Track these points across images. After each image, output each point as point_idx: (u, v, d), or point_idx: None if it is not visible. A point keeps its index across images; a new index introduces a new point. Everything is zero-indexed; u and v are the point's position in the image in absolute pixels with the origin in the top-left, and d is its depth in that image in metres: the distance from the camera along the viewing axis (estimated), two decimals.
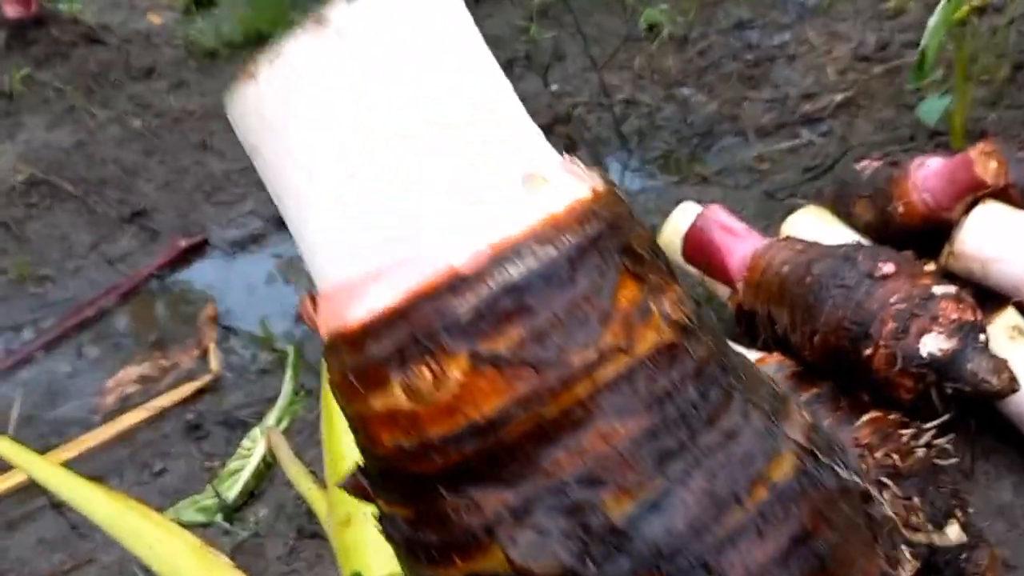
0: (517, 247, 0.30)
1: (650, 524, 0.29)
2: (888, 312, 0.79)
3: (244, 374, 1.67)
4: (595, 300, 0.30)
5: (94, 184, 2.38)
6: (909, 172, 1.08)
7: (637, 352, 0.30)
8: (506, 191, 0.31)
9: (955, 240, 0.99)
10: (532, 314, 0.30)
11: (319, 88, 0.30)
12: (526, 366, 0.30)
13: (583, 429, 0.30)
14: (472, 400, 0.30)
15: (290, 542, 0.96)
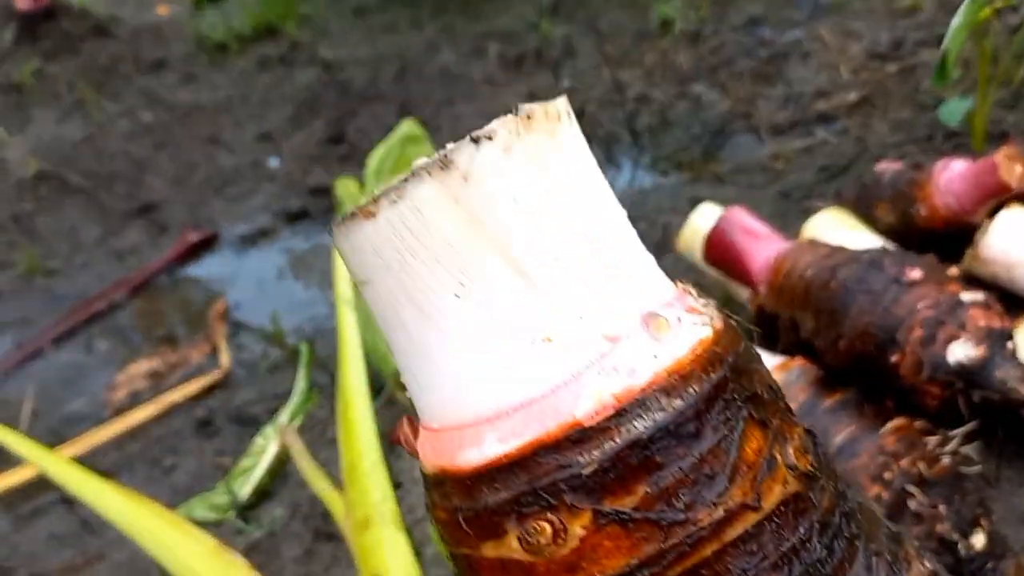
0: (643, 399, 0.29)
1: None
2: (915, 319, 0.78)
3: (254, 370, 1.66)
4: (723, 454, 0.29)
5: (103, 178, 2.38)
6: (932, 175, 1.07)
7: (764, 508, 0.29)
8: (628, 336, 0.30)
9: (979, 244, 0.98)
10: (659, 470, 0.29)
11: (440, 230, 0.30)
12: (652, 525, 0.28)
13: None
14: (593, 558, 0.29)
15: (306, 543, 0.96)
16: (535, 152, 0.31)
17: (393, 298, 0.31)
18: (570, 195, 0.31)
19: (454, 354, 0.30)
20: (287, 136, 2.39)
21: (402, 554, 0.81)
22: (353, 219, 0.30)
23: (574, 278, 0.30)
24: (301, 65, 2.72)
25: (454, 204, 0.29)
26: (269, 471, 1.22)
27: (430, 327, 0.31)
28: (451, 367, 0.31)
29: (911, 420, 0.80)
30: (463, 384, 0.31)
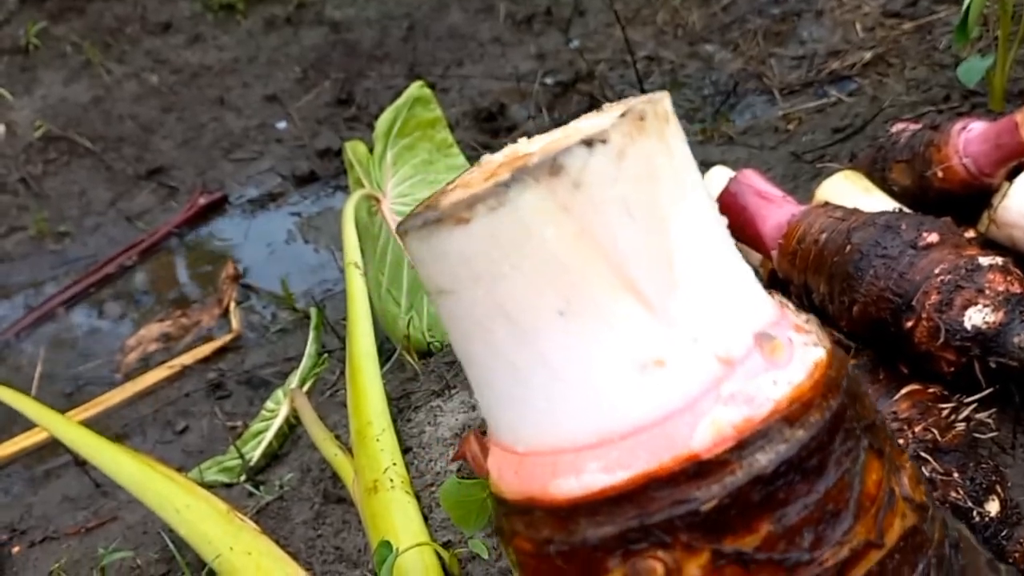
0: (765, 429, 0.27)
1: None
2: (932, 283, 0.77)
3: (265, 333, 1.66)
4: (847, 488, 0.27)
5: (112, 140, 2.37)
6: (950, 136, 1.05)
7: (887, 544, 0.28)
8: (744, 359, 0.28)
9: (997, 206, 0.96)
10: (783, 507, 0.27)
11: (545, 242, 0.27)
12: (776, 567, 0.26)
13: None
14: None
15: (316, 506, 0.96)
16: (647, 158, 0.28)
17: (482, 312, 0.29)
18: (681, 205, 0.29)
19: (552, 375, 0.28)
20: (295, 98, 2.37)
21: (411, 518, 0.81)
22: (439, 224, 0.27)
23: (689, 297, 0.28)
24: (308, 25, 2.68)
25: (563, 213, 0.27)
26: (279, 434, 1.22)
27: (526, 345, 0.28)
28: (548, 389, 0.28)
29: (925, 386, 0.79)
30: (561, 408, 0.28)
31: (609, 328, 0.27)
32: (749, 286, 0.29)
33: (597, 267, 0.27)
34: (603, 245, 0.27)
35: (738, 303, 0.28)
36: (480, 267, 0.28)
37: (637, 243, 0.27)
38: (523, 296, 0.28)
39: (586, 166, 0.27)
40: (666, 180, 0.28)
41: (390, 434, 0.92)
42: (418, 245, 0.29)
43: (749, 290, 0.29)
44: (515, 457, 0.29)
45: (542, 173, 0.27)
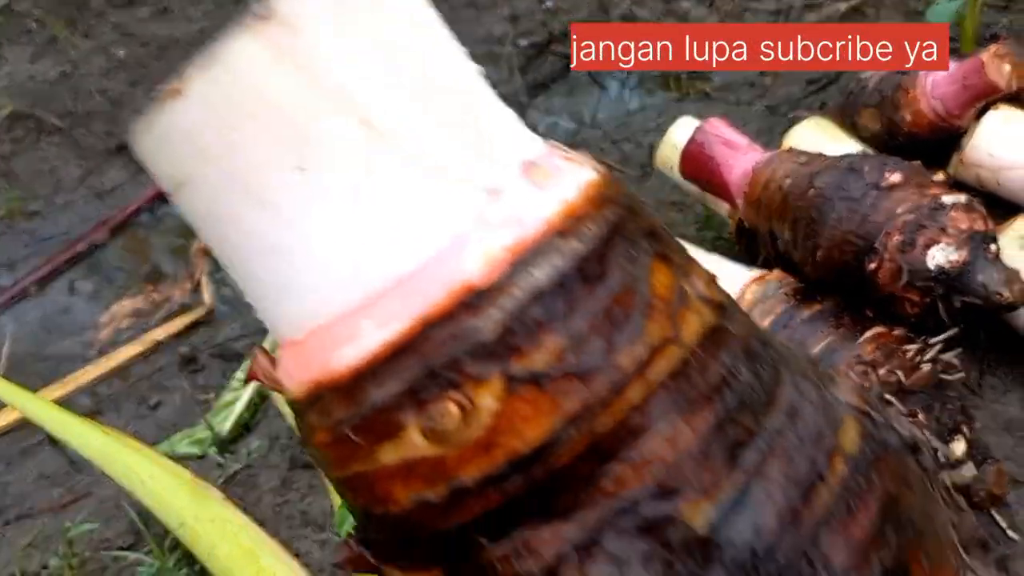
0: (538, 247, 0.26)
1: (737, 525, 0.26)
2: (895, 224, 0.76)
3: (237, 306, 1.64)
4: (634, 292, 0.27)
5: (80, 117, 2.33)
6: (917, 79, 1.03)
7: (685, 340, 0.27)
8: (510, 187, 0.27)
9: (965, 147, 0.95)
10: (568, 318, 0.26)
11: (268, 96, 0.25)
12: (571, 378, 0.26)
13: (645, 436, 0.26)
14: (512, 429, 0.26)
15: (283, 473, 0.95)
16: None
17: (220, 194, 0.26)
18: (415, 41, 0.27)
19: (306, 242, 0.26)
20: None
21: None
22: (156, 106, 0.25)
23: (438, 133, 0.26)
24: None
25: (282, 61, 0.25)
26: (249, 405, 1.21)
27: (273, 217, 0.26)
28: (305, 259, 0.27)
29: (890, 329, 0.78)
30: (327, 277, 0.27)
31: (356, 179, 0.26)
32: (511, 124, 0.29)
33: (330, 113, 0.25)
34: (332, 88, 0.25)
35: (501, 139, 0.28)
36: (206, 141, 0.26)
37: (371, 83, 0.25)
38: (257, 163, 0.26)
39: (298, 6, 0.25)
40: (394, 15, 0.26)
41: None
42: (144, 140, 0.27)
43: (511, 127, 0.28)
44: (296, 347, 0.28)
45: (252, 21, 0.25)
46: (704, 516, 0.26)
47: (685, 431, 0.26)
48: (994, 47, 1.01)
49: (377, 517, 0.29)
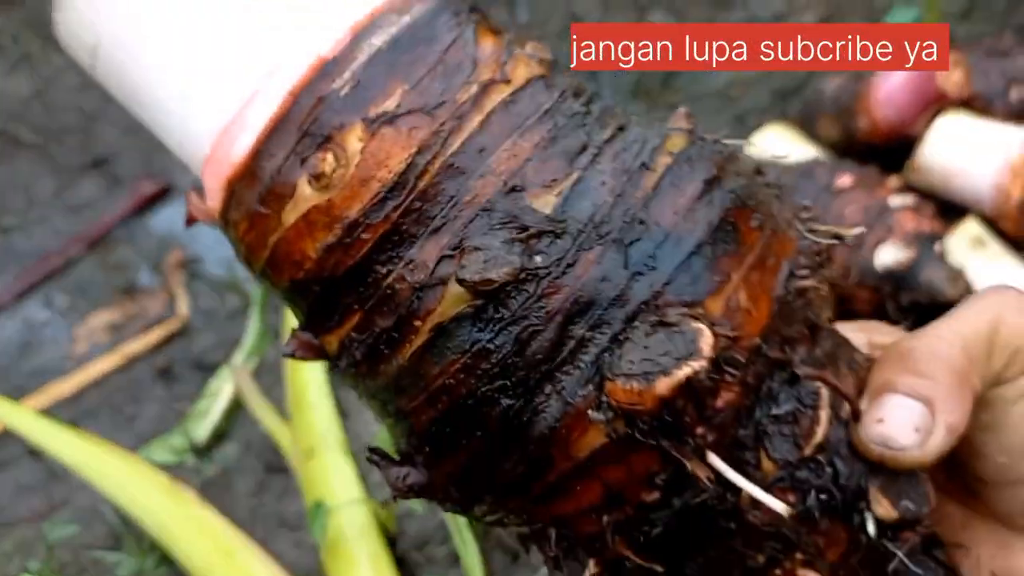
0: (373, 22, 0.32)
1: (578, 203, 0.32)
2: (844, 225, 0.79)
3: (213, 317, 1.66)
4: (461, 47, 0.33)
5: (54, 132, 2.33)
6: (871, 87, 1.07)
7: (515, 82, 0.33)
8: None
9: (916, 153, 0.98)
10: (408, 69, 0.32)
11: None
12: (417, 113, 0.32)
13: (490, 153, 0.32)
14: (378, 163, 0.31)
15: (259, 477, 0.97)
16: None
17: (124, 51, 0.33)
18: None
19: (192, 68, 0.32)
20: None
21: (346, 479, 0.82)
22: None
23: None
24: None
25: None
26: (225, 412, 1.23)
27: (167, 54, 0.33)
28: (196, 83, 0.33)
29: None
30: (220, 87, 0.32)
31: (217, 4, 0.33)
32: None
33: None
34: None
35: None
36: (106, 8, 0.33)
37: None
38: (143, 7, 0.33)
39: None
40: None
41: (327, 399, 0.93)
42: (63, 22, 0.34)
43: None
44: (209, 162, 0.34)
45: None
46: (548, 203, 0.32)
47: (523, 145, 0.32)
48: None
49: (301, 285, 0.34)
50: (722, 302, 0.31)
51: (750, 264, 0.32)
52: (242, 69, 0.32)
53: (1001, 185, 0.91)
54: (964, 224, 0.93)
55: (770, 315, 0.32)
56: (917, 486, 0.33)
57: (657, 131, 0.35)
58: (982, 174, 0.94)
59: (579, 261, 0.30)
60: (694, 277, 0.31)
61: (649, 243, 0.31)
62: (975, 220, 0.95)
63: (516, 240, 0.30)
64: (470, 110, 0.32)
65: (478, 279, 0.30)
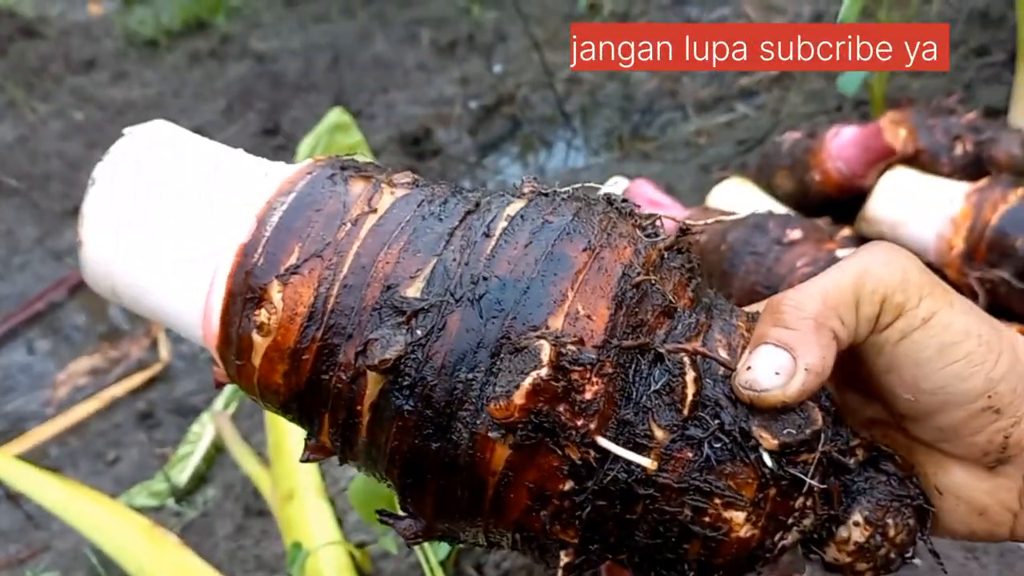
0: (270, 207, 0.40)
1: (438, 282, 0.38)
2: (795, 275, 0.84)
3: (194, 362, 1.68)
4: (337, 199, 0.40)
5: (38, 178, 2.37)
6: (824, 142, 1.13)
7: (380, 209, 0.40)
8: (256, 189, 0.42)
9: (866, 206, 1.04)
10: (300, 230, 0.40)
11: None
12: (312, 259, 0.39)
13: (370, 267, 0.39)
14: (295, 303, 0.39)
15: (237, 520, 0.99)
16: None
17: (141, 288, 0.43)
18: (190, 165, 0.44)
19: (170, 283, 0.42)
20: (221, 129, 2.40)
21: (324, 522, 0.85)
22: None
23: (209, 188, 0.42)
24: (233, 58, 2.71)
25: (94, 261, 0.42)
26: (206, 457, 1.25)
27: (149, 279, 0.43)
28: (176, 292, 0.42)
29: None
30: (187, 294, 0.42)
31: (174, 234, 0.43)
32: (252, 170, 0.44)
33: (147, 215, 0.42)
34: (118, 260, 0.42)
35: (241, 190, 0.43)
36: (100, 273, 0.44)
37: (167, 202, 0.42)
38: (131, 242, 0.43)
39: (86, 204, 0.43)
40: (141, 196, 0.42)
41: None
42: (82, 271, 0.44)
43: (253, 171, 0.44)
44: (207, 339, 0.42)
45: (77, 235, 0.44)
46: (417, 288, 0.39)
47: (392, 252, 0.39)
48: (891, 113, 1.11)
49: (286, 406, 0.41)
50: (561, 317, 0.37)
51: (582, 280, 0.38)
52: (200, 272, 0.42)
53: (944, 236, 0.96)
54: None
55: (610, 314, 0.38)
56: (802, 413, 0.37)
57: (502, 202, 0.41)
58: (926, 226, 0.99)
59: (447, 324, 0.37)
60: (533, 306, 0.37)
61: (493, 293, 0.37)
62: None
63: (399, 324, 0.38)
64: (348, 242, 0.39)
65: (378, 361, 0.37)
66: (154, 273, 0.42)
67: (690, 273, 0.41)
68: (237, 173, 0.43)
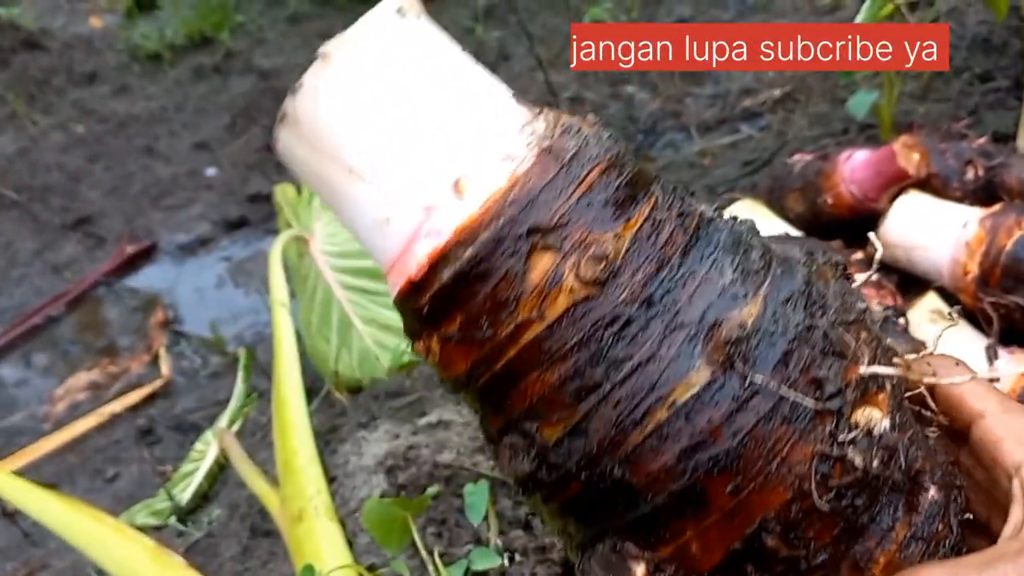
0: (446, 253, 0.38)
1: (573, 445, 0.38)
2: None
3: (195, 378, 1.67)
4: (512, 281, 0.38)
5: (38, 191, 2.35)
6: (837, 165, 1.13)
7: (548, 318, 0.38)
8: (439, 204, 0.39)
9: (880, 229, 1.04)
10: (468, 302, 0.38)
11: (301, 152, 0.40)
12: (470, 343, 0.39)
13: (524, 377, 0.39)
14: (450, 364, 0.40)
15: (243, 541, 0.97)
16: (340, 86, 0.39)
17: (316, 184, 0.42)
18: (385, 106, 0.39)
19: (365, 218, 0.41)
20: (224, 144, 2.39)
21: (335, 544, 0.84)
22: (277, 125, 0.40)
23: (397, 170, 0.39)
24: (237, 73, 2.71)
25: (299, 140, 0.40)
26: (209, 475, 1.23)
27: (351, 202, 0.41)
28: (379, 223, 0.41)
29: None
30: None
31: (355, 203, 0.40)
32: (469, 133, 0.40)
33: (335, 168, 0.40)
34: (330, 151, 0.40)
35: (446, 157, 0.39)
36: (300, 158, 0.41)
37: (352, 142, 0.39)
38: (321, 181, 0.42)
39: (294, 107, 0.39)
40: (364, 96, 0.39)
41: (315, 464, 0.94)
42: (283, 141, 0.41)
43: (466, 138, 0.39)
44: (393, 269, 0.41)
45: (280, 115, 0.40)
46: (555, 434, 0.39)
47: (547, 378, 0.38)
48: (904, 137, 1.11)
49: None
50: (671, 549, 0.38)
51: (710, 523, 0.38)
52: (380, 246, 0.41)
53: (958, 260, 0.96)
54: (925, 298, 0.98)
55: (722, 560, 0.38)
56: None
57: (684, 364, 0.38)
58: (941, 250, 0.99)
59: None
60: (647, 530, 0.38)
61: (620, 492, 0.38)
62: (935, 294, 1.00)
63: (532, 453, 0.40)
64: (507, 345, 0.38)
65: (508, 472, 0.40)
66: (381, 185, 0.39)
67: None
68: (439, 171, 0.40)
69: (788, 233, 0.98)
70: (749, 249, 0.41)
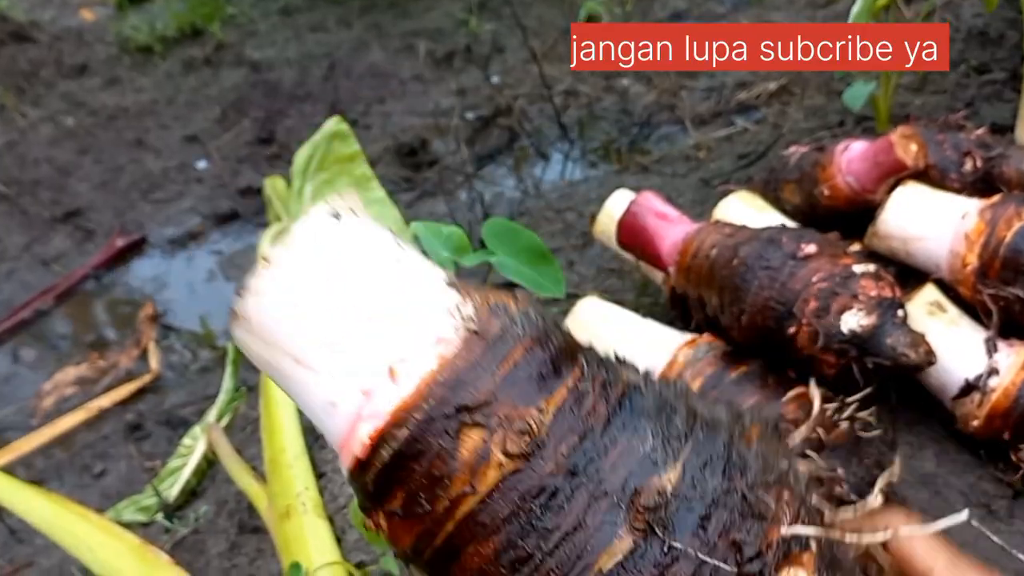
0: (385, 434, 0.40)
1: None
2: (810, 291, 0.82)
3: (184, 372, 1.65)
4: (444, 459, 0.40)
5: (27, 184, 2.33)
6: (833, 156, 1.11)
7: (481, 491, 0.39)
8: (377, 388, 0.41)
9: (877, 220, 1.02)
10: (407, 480, 0.40)
11: (252, 343, 0.43)
12: (412, 519, 0.40)
13: (463, 551, 0.40)
14: (397, 537, 0.41)
15: (231, 537, 0.96)
16: (282, 287, 0.42)
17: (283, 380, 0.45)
18: (324, 302, 0.42)
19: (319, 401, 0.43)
20: (215, 137, 2.37)
21: (323, 540, 0.82)
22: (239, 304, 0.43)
23: (338, 359, 0.41)
24: (228, 66, 2.69)
25: (250, 336, 0.43)
26: (197, 470, 1.22)
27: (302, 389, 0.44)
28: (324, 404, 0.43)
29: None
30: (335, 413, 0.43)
31: (302, 388, 0.43)
32: (400, 325, 0.42)
33: (284, 359, 0.43)
34: (277, 342, 0.43)
35: (383, 345, 0.41)
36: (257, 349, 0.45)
37: (297, 335, 0.42)
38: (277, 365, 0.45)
39: (243, 307, 0.43)
40: (305, 292, 0.42)
41: (303, 460, 0.93)
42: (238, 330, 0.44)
43: (397, 331, 0.42)
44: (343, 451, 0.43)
45: (232, 313, 0.43)
46: None
47: (483, 551, 0.39)
48: (902, 128, 1.09)
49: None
50: None
51: None
52: (328, 427, 0.43)
53: (957, 252, 0.95)
54: (923, 290, 0.97)
55: None
56: None
57: (607, 533, 0.38)
58: (939, 242, 0.97)
59: None
60: None
61: None
62: (934, 286, 0.99)
63: None
64: (444, 519, 0.40)
65: None
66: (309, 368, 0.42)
67: None
68: (375, 358, 0.42)
69: (784, 224, 0.96)
70: (672, 414, 0.42)
